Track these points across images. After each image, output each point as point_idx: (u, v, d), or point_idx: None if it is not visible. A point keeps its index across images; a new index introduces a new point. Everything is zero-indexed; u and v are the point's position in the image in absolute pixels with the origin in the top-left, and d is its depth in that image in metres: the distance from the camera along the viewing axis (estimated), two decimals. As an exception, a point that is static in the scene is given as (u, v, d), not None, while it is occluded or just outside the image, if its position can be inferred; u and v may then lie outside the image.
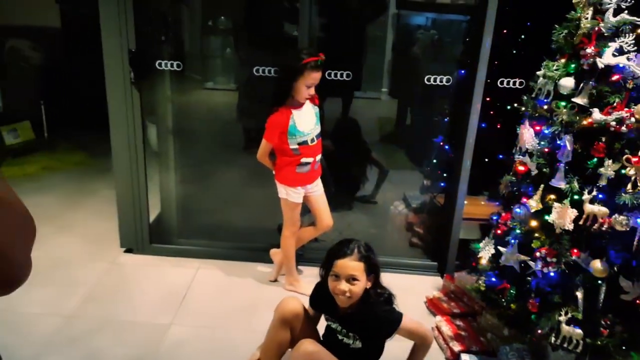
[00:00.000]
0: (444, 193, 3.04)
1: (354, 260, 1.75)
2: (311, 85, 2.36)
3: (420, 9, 4.95)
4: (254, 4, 4.20)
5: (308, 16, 2.59)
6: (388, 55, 5.23)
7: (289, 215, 2.58)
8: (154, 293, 2.64)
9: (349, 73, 2.75)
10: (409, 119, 4.38)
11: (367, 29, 4.87)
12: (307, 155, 2.46)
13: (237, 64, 4.53)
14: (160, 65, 2.68)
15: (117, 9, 2.48)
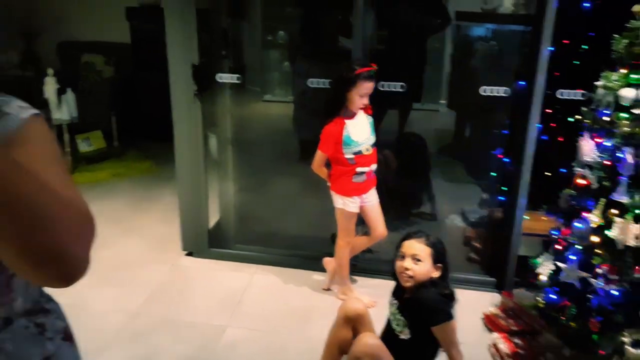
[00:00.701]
0: (503, 207, 2.97)
1: (420, 242, 1.86)
2: (364, 95, 2.39)
3: (478, 20, 4.88)
4: (310, 18, 4.29)
5: (362, 28, 2.62)
6: (447, 67, 5.18)
7: (345, 224, 2.61)
8: (211, 295, 2.74)
9: (403, 84, 2.76)
10: (468, 131, 4.32)
11: (425, 40, 4.84)
12: (363, 164, 2.49)
13: (293, 77, 4.65)
14: (220, 79, 2.81)
15: (181, 26, 2.63)
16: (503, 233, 2.85)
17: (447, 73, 5.01)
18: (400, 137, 3.70)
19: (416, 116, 4.24)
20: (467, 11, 4.84)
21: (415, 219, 3.42)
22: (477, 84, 4.18)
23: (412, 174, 3.47)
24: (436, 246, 1.87)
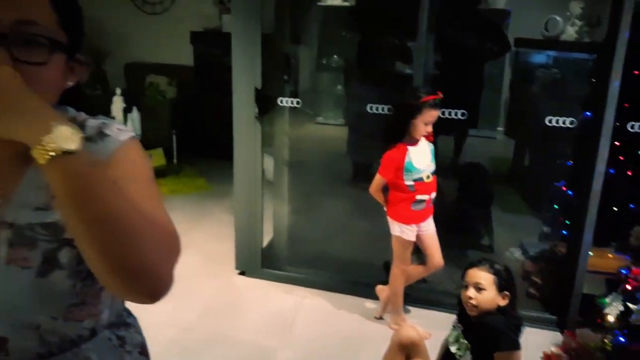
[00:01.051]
0: (567, 242, 2.85)
1: (484, 270, 1.83)
2: (429, 123, 2.38)
3: (539, 47, 4.78)
4: (367, 43, 4.32)
5: (424, 54, 2.61)
6: (505, 94, 5.09)
7: (401, 252, 2.57)
8: (263, 316, 2.75)
9: (464, 112, 2.72)
10: (527, 160, 4.20)
11: (483, 66, 4.77)
12: (423, 192, 2.45)
13: (349, 101, 4.68)
14: (281, 102, 2.86)
15: (246, 51, 2.70)
16: (566, 269, 2.73)
17: (506, 100, 4.92)
18: (460, 166, 3.64)
19: (472, 142, 4.17)
20: (527, 38, 4.76)
21: (472, 251, 3.33)
22: (538, 112, 4.09)
23: (471, 204, 3.39)
24: (500, 274, 1.83)
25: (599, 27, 4.07)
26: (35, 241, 0.74)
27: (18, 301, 0.74)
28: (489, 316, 1.81)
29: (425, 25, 2.52)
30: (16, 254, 0.73)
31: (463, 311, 1.92)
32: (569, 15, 4.26)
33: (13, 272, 0.73)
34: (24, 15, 0.70)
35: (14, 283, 0.73)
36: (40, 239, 0.74)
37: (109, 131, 0.81)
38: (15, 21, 0.69)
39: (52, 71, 0.73)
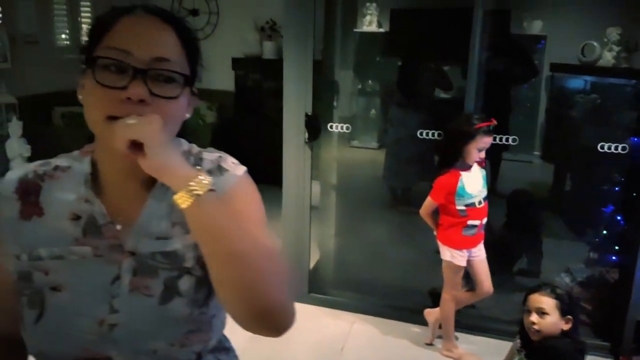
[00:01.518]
0: (619, 267, 2.81)
1: (546, 295, 1.85)
2: (482, 149, 2.39)
3: (575, 72, 4.78)
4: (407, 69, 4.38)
5: (476, 80, 2.64)
6: (541, 118, 5.08)
7: (451, 278, 2.56)
8: (312, 341, 2.74)
9: (515, 138, 2.73)
10: (568, 185, 4.16)
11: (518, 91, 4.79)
12: (474, 217, 2.46)
13: (385, 125, 4.73)
14: (331, 128, 2.90)
15: (297, 77, 2.76)
16: (619, 295, 2.69)
17: (542, 124, 4.91)
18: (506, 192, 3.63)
19: (509, 167, 4.16)
20: (563, 63, 4.77)
21: (518, 277, 3.29)
22: (579, 137, 4.07)
23: (518, 230, 3.37)
24: (563, 298, 1.84)
25: (637, 52, 4.07)
26: (156, 269, 0.77)
27: (140, 328, 0.76)
28: (554, 340, 1.81)
29: (477, 51, 2.55)
30: (139, 282, 0.76)
31: (526, 335, 1.91)
32: (606, 41, 4.27)
33: (136, 299, 0.76)
34: (159, 53, 0.74)
35: (137, 310, 0.76)
36: (161, 268, 0.77)
37: (227, 165, 0.86)
38: (152, 58, 0.74)
39: (181, 104, 0.78)
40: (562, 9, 4.75)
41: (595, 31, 4.44)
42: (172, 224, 0.79)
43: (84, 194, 0.79)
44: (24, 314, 0.76)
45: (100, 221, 0.77)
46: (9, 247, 0.78)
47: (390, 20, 5.46)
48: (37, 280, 0.76)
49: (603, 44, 4.26)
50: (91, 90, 0.73)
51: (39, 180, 0.80)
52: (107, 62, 0.72)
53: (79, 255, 0.76)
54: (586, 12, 4.66)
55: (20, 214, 0.78)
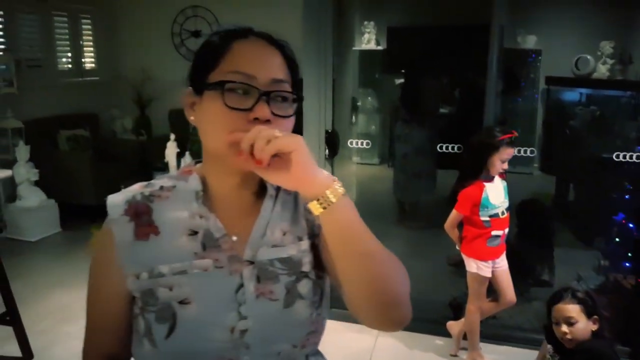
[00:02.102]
0: (634, 273, 2.89)
1: (569, 303, 1.86)
2: (505, 160, 2.46)
3: (571, 85, 4.91)
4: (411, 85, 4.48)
5: (494, 94, 2.72)
6: (538, 130, 5.20)
7: (477, 289, 2.60)
8: (338, 357, 2.73)
9: (533, 149, 2.81)
10: (572, 195, 4.26)
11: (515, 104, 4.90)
12: (498, 228, 2.51)
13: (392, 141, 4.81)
14: (351, 144, 2.96)
15: (317, 95, 2.81)
16: (636, 300, 2.76)
17: (540, 136, 5.03)
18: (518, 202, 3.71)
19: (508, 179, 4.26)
20: (558, 76, 4.91)
21: (533, 286, 3.34)
22: (581, 148, 4.18)
23: (531, 240, 3.43)
24: (586, 301, 1.87)
25: (631, 64, 4.21)
26: (277, 275, 0.82)
27: (268, 331, 0.80)
28: (589, 342, 1.83)
29: (495, 65, 2.64)
30: (263, 288, 0.81)
31: (557, 342, 1.93)
32: (600, 54, 4.41)
33: (263, 304, 0.80)
34: (276, 75, 0.79)
35: (265, 315, 0.80)
36: (280, 273, 0.82)
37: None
38: (271, 80, 0.78)
39: (291, 122, 0.83)
40: (555, 23, 4.91)
41: (589, 45, 4.58)
42: (283, 233, 0.85)
43: (198, 210, 0.82)
44: (152, 330, 0.78)
45: (216, 235, 0.81)
46: (126, 268, 0.80)
47: (387, 37, 5.59)
48: (162, 296, 0.78)
49: (597, 57, 4.40)
50: (217, 112, 0.76)
51: (147, 201, 0.82)
52: (236, 85, 0.76)
53: (201, 268, 0.79)
54: (579, 26, 4.82)
55: (135, 235, 0.81)
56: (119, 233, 0.81)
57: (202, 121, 0.80)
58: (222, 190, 0.83)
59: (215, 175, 0.83)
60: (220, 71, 0.78)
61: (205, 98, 0.78)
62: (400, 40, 5.45)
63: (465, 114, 4.12)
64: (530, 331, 2.87)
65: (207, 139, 0.80)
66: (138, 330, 0.81)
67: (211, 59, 0.79)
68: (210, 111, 0.78)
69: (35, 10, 4.70)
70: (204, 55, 0.81)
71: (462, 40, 4.98)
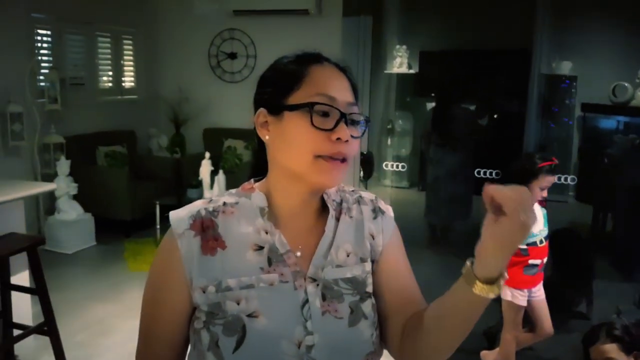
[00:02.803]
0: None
1: (606, 343, 1.77)
2: (545, 188, 2.43)
3: (608, 112, 4.83)
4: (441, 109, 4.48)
5: (534, 121, 2.70)
6: (574, 158, 5.11)
7: (512, 317, 2.55)
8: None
9: (574, 177, 2.77)
10: (610, 225, 4.16)
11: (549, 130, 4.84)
12: (536, 257, 2.46)
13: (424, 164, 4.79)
14: (386, 167, 2.97)
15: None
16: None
17: (576, 163, 4.94)
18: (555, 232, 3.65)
19: (544, 207, 4.18)
20: (594, 103, 4.83)
21: (571, 318, 3.26)
22: (620, 178, 4.08)
23: (567, 271, 3.35)
24: (622, 338, 1.78)
25: (670, 92, 4.13)
26: (341, 295, 0.84)
27: (334, 348, 0.81)
28: None
29: (535, 91, 2.62)
30: (328, 306, 0.82)
31: None
32: (638, 81, 4.34)
33: (329, 321, 0.82)
34: (350, 98, 0.83)
35: (330, 332, 0.81)
36: (345, 293, 0.84)
37: (383, 207, 0.95)
38: (347, 103, 0.82)
39: (359, 143, 0.86)
40: (591, 49, 4.85)
41: (626, 71, 4.51)
42: (347, 254, 0.87)
43: (263, 226, 0.84)
44: (219, 343, 0.79)
45: (281, 250, 0.83)
46: (194, 281, 0.81)
47: (420, 61, 5.62)
48: (231, 309, 0.79)
49: (635, 84, 4.33)
50: (302, 132, 0.80)
51: (212, 216, 0.84)
52: (322, 107, 0.80)
53: (268, 282, 0.81)
54: (616, 52, 4.75)
55: (201, 249, 0.82)
56: (186, 247, 0.82)
57: (282, 140, 0.82)
58: (286, 208, 0.86)
59: (282, 193, 0.85)
60: (303, 93, 0.81)
61: (286, 118, 0.81)
62: (432, 64, 5.47)
63: (503, 138, 4.10)
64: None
65: (286, 156, 0.82)
66: (201, 345, 0.81)
67: (291, 81, 0.82)
68: (294, 131, 0.81)
69: (81, 32, 4.90)
70: (281, 78, 0.84)
71: (496, 65, 4.96)
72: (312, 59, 0.85)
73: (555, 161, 2.43)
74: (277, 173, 0.85)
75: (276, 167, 0.85)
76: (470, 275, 0.74)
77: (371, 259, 0.90)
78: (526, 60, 4.19)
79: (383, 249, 0.91)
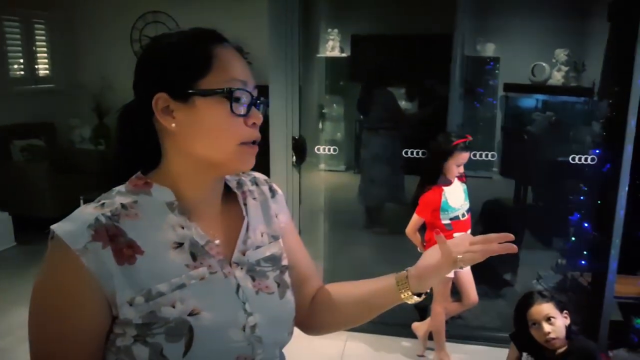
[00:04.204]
0: (589, 271, 3.01)
1: (543, 302, 1.88)
2: (460, 164, 2.53)
3: (528, 91, 5.07)
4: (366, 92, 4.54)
5: (457, 100, 2.79)
6: (497, 135, 5.35)
7: (441, 290, 2.66)
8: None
9: (494, 154, 2.90)
10: (530, 198, 4.40)
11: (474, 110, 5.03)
12: (459, 230, 2.57)
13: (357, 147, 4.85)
14: (318, 150, 2.97)
15: (284, 102, 2.82)
16: (592, 297, 2.87)
17: (499, 141, 5.18)
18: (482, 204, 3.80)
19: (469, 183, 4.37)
20: (515, 83, 5.07)
21: (495, 286, 3.44)
22: (538, 152, 4.32)
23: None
24: (554, 297, 1.92)
25: (584, 72, 4.40)
26: (265, 272, 0.87)
27: (273, 322, 0.84)
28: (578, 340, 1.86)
29: (457, 73, 2.71)
30: (259, 285, 0.85)
31: (534, 347, 1.91)
32: (555, 61, 4.59)
33: (264, 298, 0.85)
34: (253, 81, 0.82)
35: (267, 307, 0.84)
36: (267, 270, 0.88)
37: (275, 187, 0.99)
38: (254, 86, 0.81)
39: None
40: (513, 31, 5.07)
41: (545, 52, 4.76)
42: (261, 234, 0.90)
43: (177, 221, 0.80)
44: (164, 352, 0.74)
45: (201, 242, 0.80)
46: (117, 296, 0.73)
47: (352, 45, 5.64)
48: (168, 315, 0.74)
49: (552, 64, 4.57)
50: (221, 120, 0.77)
51: (114, 222, 0.75)
52: (239, 93, 0.77)
53: (198, 277, 0.78)
54: (536, 34, 4.99)
55: (116, 260, 0.73)
56: (95, 262, 0.72)
57: (198, 128, 0.78)
58: (197, 198, 0.82)
59: (191, 183, 0.81)
60: (216, 78, 0.77)
61: (199, 105, 0.77)
62: (363, 48, 5.51)
63: (430, 120, 4.21)
64: (494, 330, 2.95)
65: (204, 145, 0.78)
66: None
67: (199, 65, 0.77)
68: (213, 119, 0.77)
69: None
70: (184, 60, 0.78)
71: (424, 49, 5.08)
72: (214, 38, 0.80)
73: (469, 138, 2.53)
74: (183, 162, 0.81)
75: (183, 157, 0.80)
76: (404, 283, 0.90)
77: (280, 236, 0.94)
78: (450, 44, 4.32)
79: (284, 225, 0.96)
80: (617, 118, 2.72)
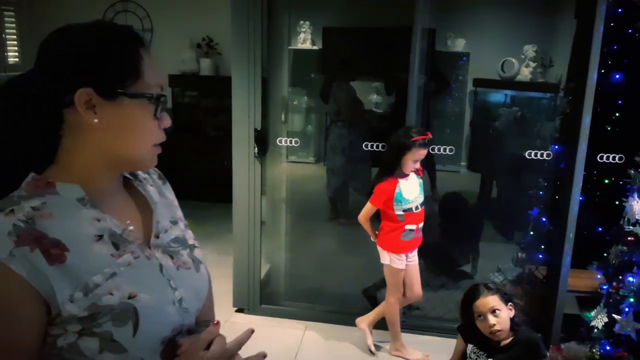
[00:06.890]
0: (545, 265, 3.08)
1: (488, 295, 1.91)
2: (417, 160, 2.57)
3: (496, 86, 5.14)
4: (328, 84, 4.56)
5: (416, 95, 2.83)
6: (466, 130, 5.42)
7: (393, 281, 2.70)
8: (267, 352, 2.77)
9: (452, 148, 2.95)
10: (494, 192, 4.48)
11: (443, 105, 5.08)
12: (411, 222, 2.61)
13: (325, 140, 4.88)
14: (280, 142, 2.99)
15: (247, 93, 2.84)
16: (547, 290, 2.94)
17: (467, 136, 5.25)
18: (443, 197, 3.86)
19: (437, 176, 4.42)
20: (484, 78, 5.13)
21: (454, 278, 3.50)
22: (503, 147, 4.40)
23: (453, 234, 3.59)
24: (500, 290, 1.95)
25: (551, 67, 4.48)
26: (178, 252, 0.93)
27: (194, 294, 0.92)
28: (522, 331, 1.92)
29: (416, 67, 2.75)
30: (178, 262, 0.92)
31: (480, 339, 1.95)
32: (524, 57, 4.65)
33: (184, 274, 0.91)
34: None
35: (188, 281, 0.91)
36: (179, 250, 0.94)
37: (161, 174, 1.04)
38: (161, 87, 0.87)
39: None
40: (483, 27, 5.12)
41: (514, 48, 4.82)
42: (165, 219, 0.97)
43: (92, 215, 0.81)
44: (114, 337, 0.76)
45: (118, 231, 0.84)
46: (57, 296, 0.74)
47: (323, 37, 5.66)
48: (111, 301, 0.77)
49: (521, 60, 4.64)
50: (144, 122, 0.83)
51: (32, 225, 0.75)
52: (163, 99, 0.83)
53: (126, 264, 0.82)
54: (505, 30, 5.05)
55: (47, 261, 0.74)
56: (27, 267, 0.72)
57: (120, 127, 0.81)
58: (106, 191, 0.86)
59: (101, 177, 0.84)
60: (143, 82, 0.81)
61: (126, 105, 0.80)
62: (334, 41, 5.53)
63: (392, 114, 4.26)
64: (451, 321, 3.01)
65: (123, 144, 0.82)
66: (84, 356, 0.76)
67: (129, 67, 0.80)
68: (138, 120, 0.82)
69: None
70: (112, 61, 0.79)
71: (389, 42, 5.11)
72: (138, 41, 0.83)
73: (429, 136, 2.57)
74: (94, 157, 0.82)
75: (97, 152, 0.81)
76: None
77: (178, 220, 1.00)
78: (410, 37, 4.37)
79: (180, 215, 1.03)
80: (573, 115, 2.78)
